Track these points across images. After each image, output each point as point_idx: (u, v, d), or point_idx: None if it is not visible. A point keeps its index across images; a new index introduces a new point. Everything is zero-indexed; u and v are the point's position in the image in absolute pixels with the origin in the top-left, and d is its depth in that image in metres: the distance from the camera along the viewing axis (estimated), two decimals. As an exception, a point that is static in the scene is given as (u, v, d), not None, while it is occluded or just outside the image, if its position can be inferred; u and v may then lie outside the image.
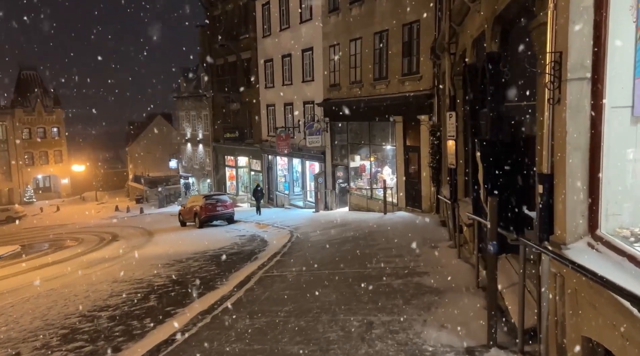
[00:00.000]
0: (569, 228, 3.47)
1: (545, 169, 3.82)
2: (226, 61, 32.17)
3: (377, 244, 11.16)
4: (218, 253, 13.49)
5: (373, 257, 9.53)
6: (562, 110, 3.48)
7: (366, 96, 19.20)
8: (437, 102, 15.49)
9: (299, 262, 9.76)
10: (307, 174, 25.23)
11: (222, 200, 22.99)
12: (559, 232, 3.63)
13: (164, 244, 17.78)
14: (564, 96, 3.44)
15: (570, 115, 3.38)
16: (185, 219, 24.19)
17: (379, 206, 17.91)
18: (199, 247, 15.19)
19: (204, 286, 8.51)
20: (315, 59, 22.82)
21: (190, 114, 38.65)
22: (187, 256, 13.15)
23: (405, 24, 16.99)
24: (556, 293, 3.54)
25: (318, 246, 11.98)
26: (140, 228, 27.02)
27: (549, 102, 3.60)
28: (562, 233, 3.57)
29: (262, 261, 10.60)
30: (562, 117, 3.48)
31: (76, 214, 42.75)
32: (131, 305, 7.51)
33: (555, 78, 3.51)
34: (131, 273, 10.75)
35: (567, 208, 3.47)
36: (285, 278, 8.22)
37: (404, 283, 7.18)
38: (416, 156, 17.08)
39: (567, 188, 3.46)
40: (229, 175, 34.05)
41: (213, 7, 33.19)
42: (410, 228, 13.12)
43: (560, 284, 3.49)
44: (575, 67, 3.35)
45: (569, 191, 3.45)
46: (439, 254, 9.36)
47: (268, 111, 28.05)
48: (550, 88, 3.54)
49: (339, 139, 21.94)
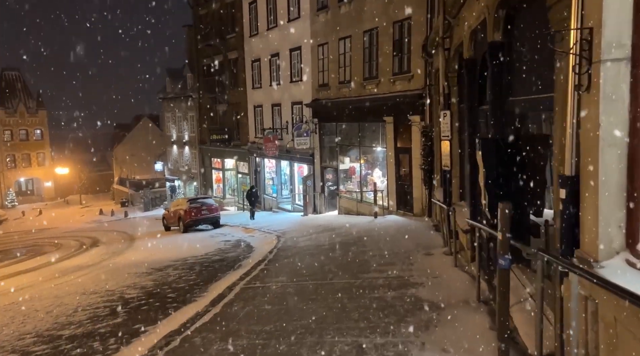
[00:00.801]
0: (601, 241, 2.86)
1: (567, 170, 3.21)
2: (213, 61, 31.41)
3: (368, 251, 10.53)
4: (200, 260, 12.77)
5: (364, 265, 8.90)
6: (592, 99, 2.88)
7: (356, 96, 18.61)
8: (429, 102, 14.95)
9: (285, 271, 9.09)
10: (296, 176, 24.56)
11: (207, 204, 22.22)
12: (587, 246, 3.02)
13: (145, 250, 16.99)
14: (595, 81, 2.83)
15: (604, 104, 2.78)
16: (169, 224, 23.37)
17: (370, 209, 17.31)
18: (180, 253, 14.45)
19: (180, 300, 7.80)
20: (304, 58, 22.20)
21: (176, 115, 37.79)
22: (167, 263, 12.41)
23: (396, 21, 16.44)
24: (587, 321, 2.93)
25: (305, 252, 11.32)
26: (123, 232, 26.13)
27: (575, 89, 2.99)
28: (591, 247, 2.96)
29: (246, 269, 9.91)
30: (592, 108, 2.87)
31: (59, 218, 41.56)
32: (97, 321, 6.78)
33: (584, 60, 2.90)
34: (104, 283, 9.98)
35: (600, 216, 2.86)
36: (269, 290, 7.54)
37: (398, 295, 6.54)
38: (407, 158, 16.51)
39: (600, 192, 2.85)
40: (216, 178, 33.26)
41: (199, 7, 32.46)
42: (402, 233, 12.52)
43: (592, 310, 2.88)
44: (610, 46, 2.75)
45: (602, 197, 2.84)
46: (433, 262, 8.76)
47: (255, 112, 27.36)
48: (577, 72, 2.93)
49: (328, 141, 21.31)
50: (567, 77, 3.13)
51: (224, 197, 32.17)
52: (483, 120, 6.95)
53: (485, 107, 6.80)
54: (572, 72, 3.00)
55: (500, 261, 3.60)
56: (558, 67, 3.41)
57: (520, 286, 5.31)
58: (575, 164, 3.14)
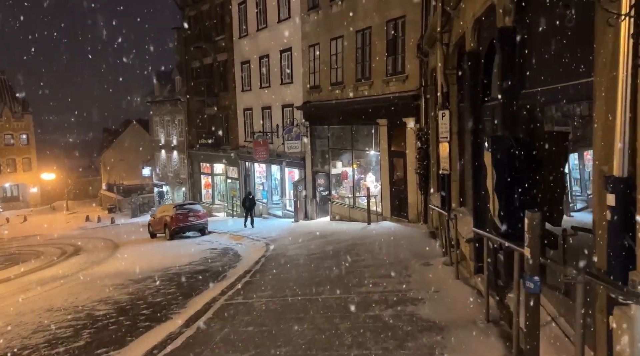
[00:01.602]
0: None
1: (617, 169, 2.53)
2: (202, 63, 30.67)
3: (361, 261, 9.82)
4: (183, 270, 11.99)
5: (357, 277, 8.17)
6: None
7: (348, 98, 17.95)
8: (424, 103, 14.32)
9: (271, 284, 8.34)
10: (287, 181, 23.83)
11: (194, 210, 21.39)
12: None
13: (128, 259, 16.14)
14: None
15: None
16: (155, 231, 22.50)
17: (363, 215, 16.62)
18: (163, 262, 13.64)
19: (154, 317, 7.03)
20: (294, 59, 21.53)
21: (164, 119, 36.92)
22: (148, 274, 11.61)
23: (389, 20, 15.82)
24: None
25: (295, 262, 10.58)
26: (108, 239, 25.20)
27: (633, 64, 2.31)
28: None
29: (230, 281, 9.15)
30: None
31: (44, 225, 40.40)
32: (55, 345, 6.00)
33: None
34: (75, 297, 9.17)
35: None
36: (252, 307, 6.79)
37: (395, 314, 5.83)
38: (402, 162, 15.85)
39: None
40: (205, 183, 32.39)
41: (188, 8, 31.71)
42: (398, 241, 11.83)
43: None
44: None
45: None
46: (433, 273, 8.06)
47: (245, 116, 26.61)
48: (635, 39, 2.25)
49: (320, 145, 20.62)
50: (616, 50, 2.46)
51: (213, 203, 31.32)
52: (489, 118, 6.29)
53: (492, 104, 6.14)
54: (626, 42, 2.33)
55: (527, 283, 2.91)
56: (601, 41, 2.72)
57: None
58: (628, 162, 2.46)
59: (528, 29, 4.83)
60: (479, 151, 6.81)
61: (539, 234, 2.85)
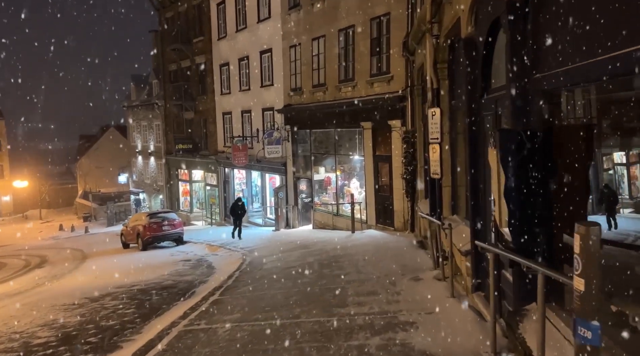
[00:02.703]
0: None
1: None
2: (179, 66, 29.58)
3: (344, 274, 8.87)
4: (149, 285, 10.89)
5: (339, 295, 7.22)
6: None
7: (331, 100, 17.09)
8: (411, 104, 13.53)
9: (241, 304, 7.33)
10: (268, 188, 22.82)
11: (168, 218, 20.21)
12: None
13: (92, 272, 14.94)
14: None
15: None
16: (127, 241, 21.26)
17: (347, 223, 15.71)
18: (129, 276, 12.51)
19: (100, 347, 5.97)
20: (275, 61, 20.63)
21: (141, 124, 35.61)
22: (109, 290, 10.49)
23: (373, 17, 15.03)
24: None
25: (271, 277, 9.58)
26: (78, 250, 23.84)
27: None
28: None
29: (196, 300, 8.11)
30: None
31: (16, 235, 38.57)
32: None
33: None
34: (15, 320, 8.02)
35: None
36: (214, 335, 5.77)
37: (384, 344, 4.89)
38: (387, 167, 15.01)
39: None
40: (183, 190, 31.14)
41: (165, 9, 30.65)
42: (384, 251, 10.94)
43: None
44: None
45: None
46: (424, 290, 7.15)
47: (224, 120, 25.58)
48: None
49: (302, 149, 19.69)
50: None
51: (192, 211, 30.11)
52: (490, 112, 5.43)
53: (494, 96, 5.28)
54: None
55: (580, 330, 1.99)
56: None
57: (554, 332, 3.73)
58: None
59: (541, 5, 3.98)
60: (477, 150, 5.96)
61: (598, 257, 1.95)
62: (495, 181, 4.42)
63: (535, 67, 4.07)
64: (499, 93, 4.99)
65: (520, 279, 4.29)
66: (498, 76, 5.55)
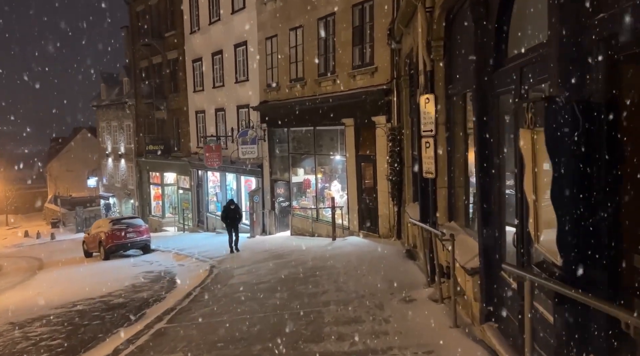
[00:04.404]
0: None
1: None
2: (151, 62, 27.89)
3: (322, 293, 7.46)
4: (93, 305, 9.33)
5: (314, 322, 5.81)
6: None
7: (310, 95, 15.71)
8: (397, 98, 12.22)
9: (190, 337, 5.84)
10: (243, 191, 21.27)
11: (134, 225, 18.54)
12: None
13: (40, 285, 13.25)
14: None
15: None
16: (90, 249, 19.52)
17: (327, 229, 14.32)
18: (78, 292, 10.92)
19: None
20: (250, 55, 19.17)
21: (111, 125, 33.71)
22: (44, 312, 8.89)
23: (355, 4, 13.70)
24: None
25: (236, 296, 8.11)
26: (36, 259, 21.99)
27: None
28: None
29: (139, 328, 6.60)
30: None
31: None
32: None
33: None
34: None
35: None
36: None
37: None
38: (371, 168, 13.66)
39: None
40: (155, 194, 29.36)
41: (136, 2, 28.92)
42: (368, 262, 9.57)
43: None
44: None
45: None
46: (418, 315, 5.79)
47: (198, 119, 23.99)
48: None
49: (279, 149, 18.26)
50: None
51: (164, 216, 28.36)
52: (510, 87, 4.09)
53: (518, 63, 3.93)
54: None
55: None
56: None
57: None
58: None
59: None
60: (485, 144, 4.62)
61: None
62: (529, 175, 3.07)
63: (588, 13, 2.72)
64: (527, 57, 3.64)
65: (571, 320, 2.93)
66: (517, 41, 4.23)
